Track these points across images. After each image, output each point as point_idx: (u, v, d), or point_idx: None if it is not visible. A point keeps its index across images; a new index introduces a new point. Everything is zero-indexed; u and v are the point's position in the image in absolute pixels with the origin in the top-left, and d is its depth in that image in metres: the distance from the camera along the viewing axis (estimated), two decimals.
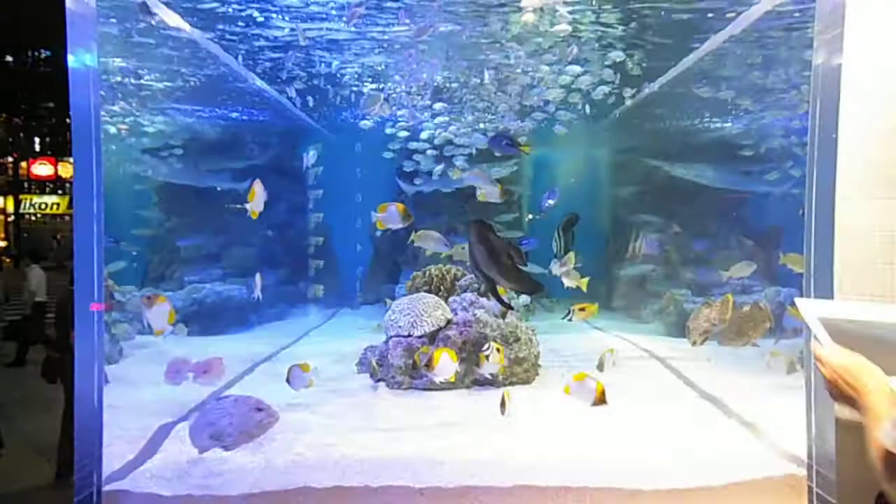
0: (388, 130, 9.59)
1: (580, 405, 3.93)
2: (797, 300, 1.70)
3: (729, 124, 9.72)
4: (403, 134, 9.53)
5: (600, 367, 5.02)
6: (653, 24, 6.21)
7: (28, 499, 4.71)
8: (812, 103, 3.35)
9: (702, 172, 9.52)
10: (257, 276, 6.44)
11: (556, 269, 5.23)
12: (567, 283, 5.20)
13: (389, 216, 4.46)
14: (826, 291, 2.91)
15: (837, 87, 3.17)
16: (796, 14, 5.47)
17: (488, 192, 5.17)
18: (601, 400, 3.86)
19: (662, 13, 5.91)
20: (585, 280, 5.25)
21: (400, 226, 4.49)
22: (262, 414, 3.61)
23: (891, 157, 3.18)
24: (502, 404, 4.28)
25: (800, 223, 3.42)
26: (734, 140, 9.53)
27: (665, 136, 10.17)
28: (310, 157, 9.18)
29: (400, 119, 9.29)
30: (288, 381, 4.36)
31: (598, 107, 8.75)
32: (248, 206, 4.23)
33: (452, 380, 4.78)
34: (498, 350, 4.51)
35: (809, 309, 1.64)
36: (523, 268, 4.63)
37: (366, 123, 9.49)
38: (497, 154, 8.60)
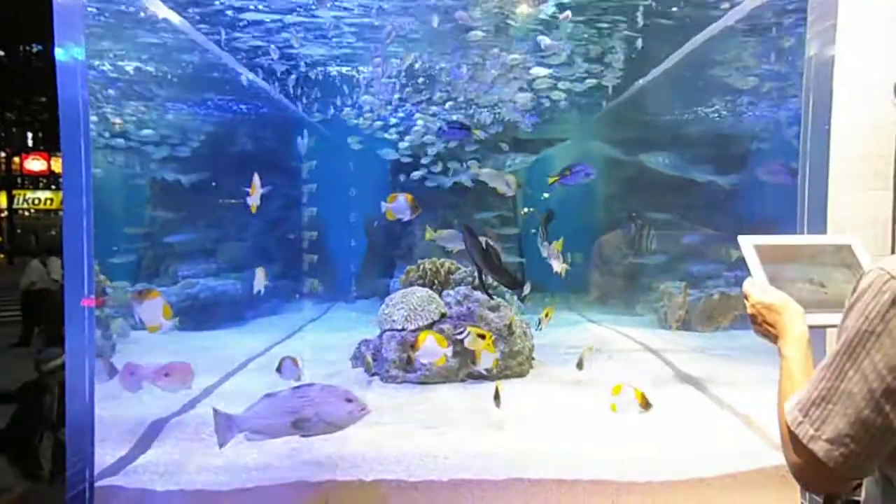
0: (353, 122, 9.55)
1: (627, 416, 3.88)
2: (740, 237, 1.63)
3: (723, 115, 9.72)
4: (364, 123, 9.51)
5: (580, 365, 5.02)
6: (644, 15, 6.19)
7: (21, 495, 4.69)
8: (805, 95, 3.34)
9: (693, 165, 9.52)
10: (259, 271, 6.03)
11: (544, 251, 5.43)
12: (556, 267, 5.34)
13: (398, 206, 4.55)
14: None
15: (830, 78, 3.16)
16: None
17: (504, 188, 5.50)
18: (646, 405, 3.84)
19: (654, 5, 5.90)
20: (565, 266, 5.40)
21: (409, 216, 4.60)
22: (352, 405, 3.55)
23: (883, 149, 3.18)
24: (496, 397, 4.29)
25: (793, 215, 3.42)
26: (728, 132, 9.54)
27: (656, 129, 10.16)
28: (303, 143, 9.12)
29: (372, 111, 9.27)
30: (279, 370, 4.37)
31: (588, 101, 8.75)
32: (248, 200, 4.26)
33: (442, 362, 4.79)
34: (482, 336, 4.47)
35: (749, 244, 1.61)
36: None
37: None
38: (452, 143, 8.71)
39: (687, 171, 9.48)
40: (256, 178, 4.30)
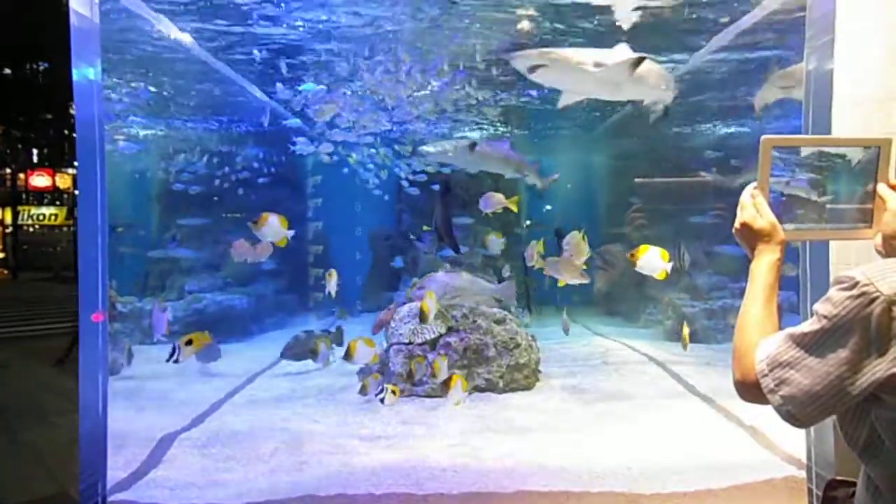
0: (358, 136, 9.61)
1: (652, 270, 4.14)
2: (763, 137, 1.52)
3: (726, 127, 9.78)
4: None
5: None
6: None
7: None
8: (805, 109, 3.39)
9: (698, 175, 9.55)
10: (330, 275, 5.91)
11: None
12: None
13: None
14: (822, 290, 2.95)
15: (829, 92, 3.22)
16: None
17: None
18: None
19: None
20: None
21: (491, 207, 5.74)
22: None
23: None
24: (362, 389, 4.75)
25: None
26: (730, 142, 9.59)
27: (660, 140, 10.21)
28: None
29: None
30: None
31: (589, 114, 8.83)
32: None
33: (375, 360, 5.09)
34: (394, 392, 4.57)
35: (769, 146, 1.51)
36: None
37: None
38: None
39: (692, 180, 9.51)
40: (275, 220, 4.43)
